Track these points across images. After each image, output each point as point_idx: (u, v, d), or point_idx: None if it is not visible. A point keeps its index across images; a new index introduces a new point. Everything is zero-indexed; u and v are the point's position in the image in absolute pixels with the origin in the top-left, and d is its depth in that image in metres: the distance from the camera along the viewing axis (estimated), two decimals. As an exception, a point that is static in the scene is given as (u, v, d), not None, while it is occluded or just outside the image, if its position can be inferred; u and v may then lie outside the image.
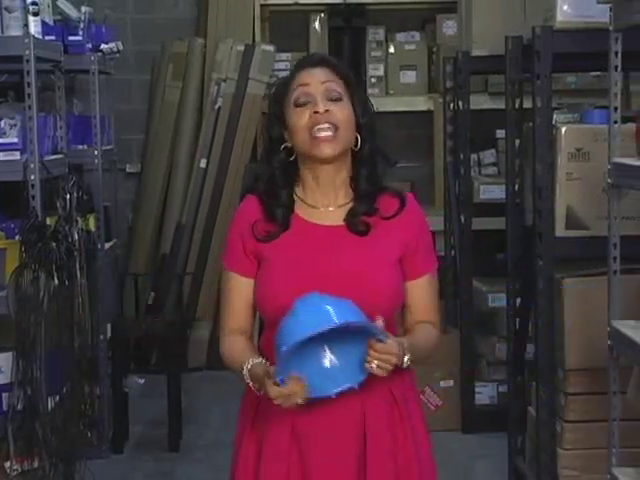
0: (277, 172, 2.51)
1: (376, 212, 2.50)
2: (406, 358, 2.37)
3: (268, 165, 2.53)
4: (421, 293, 2.55)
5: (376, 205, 2.50)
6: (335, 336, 2.30)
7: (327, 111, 2.44)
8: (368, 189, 2.51)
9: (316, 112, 2.44)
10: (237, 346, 2.53)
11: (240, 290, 2.55)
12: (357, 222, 2.49)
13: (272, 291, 2.48)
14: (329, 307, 2.26)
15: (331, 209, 2.52)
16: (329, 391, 2.35)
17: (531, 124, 4.16)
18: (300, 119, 2.46)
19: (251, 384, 2.43)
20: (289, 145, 2.50)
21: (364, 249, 2.48)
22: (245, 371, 2.42)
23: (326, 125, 2.44)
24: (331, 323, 2.24)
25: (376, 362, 2.30)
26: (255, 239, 2.51)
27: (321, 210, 2.52)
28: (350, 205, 2.51)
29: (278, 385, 2.29)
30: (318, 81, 2.47)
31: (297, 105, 2.47)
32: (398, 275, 2.51)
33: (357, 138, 2.50)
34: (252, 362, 2.42)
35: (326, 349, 2.36)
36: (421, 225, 2.56)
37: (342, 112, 2.46)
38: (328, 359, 2.37)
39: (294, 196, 2.53)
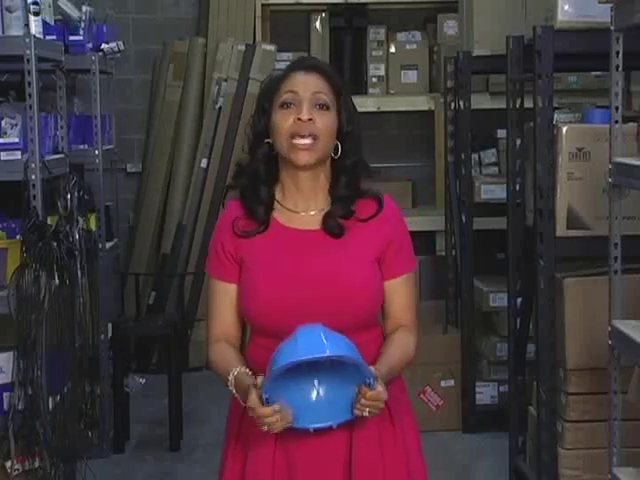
0: (260, 166, 2.53)
1: (352, 214, 2.51)
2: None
3: (252, 158, 2.55)
4: (398, 293, 2.55)
5: (353, 208, 2.52)
6: (326, 371, 2.34)
7: (310, 120, 2.46)
8: (345, 194, 2.52)
9: (299, 119, 2.46)
10: (224, 354, 2.52)
11: (224, 296, 2.55)
12: (332, 225, 2.50)
13: (251, 296, 2.49)
14: (326, 340, 2.28)
15: (311, 213, 2.53)
16: (309, 424, 2.36)
17: (532, 124, 4.16)
18: (283, 121, 2.48)
19: (235, 393, 2.42)
20: (271, 140, 2.52)
21: (340, 251, 2.49)
22: (231, 377, 2.42)
23: (306, 133, 2.45)
24: (325, 353, 2.26)
25: (367, 409, 2.32)
26: (235, 235, 2.52)
27: (300, 215, 2.53)
28: (327, 209, 2.53)
29: (262, 401, 2.29)
30: (308, 89, 2.49)
31: (282, 106, 2.49)
32: (376, 275, 2.52)
33: (338, 147, 2.51)
34: (238, 370, 2.42)
35: (315, 383, 2.38)
36: (397, 225, 2.57)
37: (324, 122, 2.47)
38: (316, 392, 2.38)
39: (274, 198, 2.54)
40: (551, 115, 4.11)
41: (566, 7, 4.04)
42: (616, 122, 3.42)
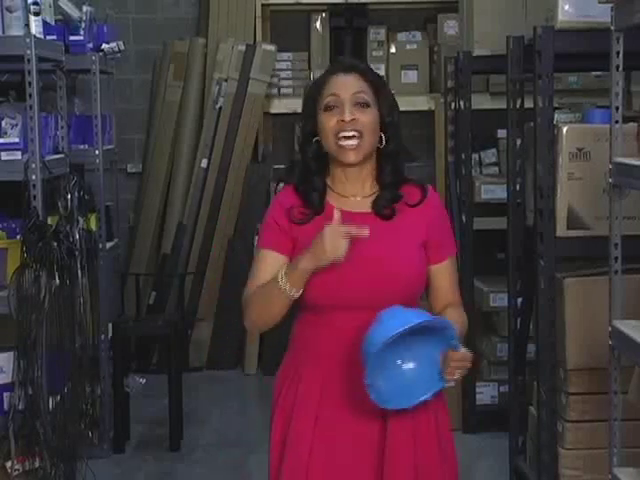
0: (311, 162, 2.72)
1: (401, 198, 2.71)
2: None
3: (303, 156, 2.73)
4: (445, 275, 2.76)
5: (400, 192, 2.72)
6: (404, 353, 2.51)
7: (353, 120, 2.64)
8: (392, 180, 2.72)
9: (342, 120, 2.64)
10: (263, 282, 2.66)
11: (271, 262, 2.68)
12: (383, 207, 2.69)
13: None
14: (409, 314, 2.47)
15: (359, 198, 2.72)
16: (404, 404, 2.52)
17: (532, 124, 4.16)
18: (328, 122, 2.66)
19: (287, 285, 2.56)
20: (319, 139, 2.70)
21: (390, 234, 2.67)
22: (280, 273, 2.57)
23: (351, 133, 2.64)
24: (415, 322, 2.43)
25: (458, 371, 2.51)
26: (291, 221, 2.67)
27: (350, 199, 2.72)
28: (376, 194, 2.72)
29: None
30: (348, 91, 2.67)
31: (326, 109, 2.67)
32: (422, 258, 2.70)
33: (382, 137, 2.70)
34: (286, 266, 2.59)
35: (400, 363, 2.54)
36: (442, 212, 2.82)
37: (367, 118, 2.66)
38: (401, 372, 2.53)
39: (326, 186, 2.73)
40: (551, 115, 4.11)
41: (566, 7, 4.04)
42: (616, 122, 3.42)
